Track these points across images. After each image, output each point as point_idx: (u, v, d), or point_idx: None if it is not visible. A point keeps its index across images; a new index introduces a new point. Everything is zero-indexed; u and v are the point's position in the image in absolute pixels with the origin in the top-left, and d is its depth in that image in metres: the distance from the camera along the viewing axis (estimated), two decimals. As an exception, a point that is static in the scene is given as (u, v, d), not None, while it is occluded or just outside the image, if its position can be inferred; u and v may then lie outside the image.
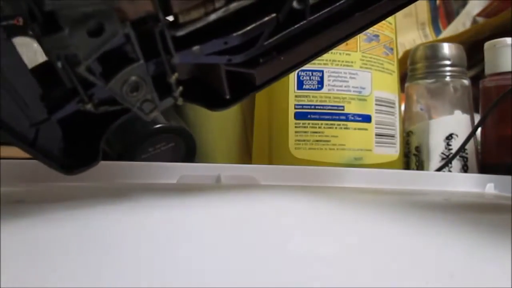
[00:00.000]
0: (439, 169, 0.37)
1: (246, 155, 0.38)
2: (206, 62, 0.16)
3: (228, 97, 0.19)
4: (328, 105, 0.33)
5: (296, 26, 0.17)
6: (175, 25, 0.15)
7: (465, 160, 0.38)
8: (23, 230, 0.14)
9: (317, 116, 0.33)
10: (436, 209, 0.22)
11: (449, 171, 0.38)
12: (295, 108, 0.34)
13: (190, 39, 0.15)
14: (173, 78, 0.16)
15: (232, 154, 0.38)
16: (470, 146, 0.38)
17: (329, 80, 0.34)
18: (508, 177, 0.30)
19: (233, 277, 0.11)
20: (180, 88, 0.17)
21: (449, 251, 0.14)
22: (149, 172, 0.25)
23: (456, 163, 0.38)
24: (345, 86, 0.34)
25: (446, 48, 0.40)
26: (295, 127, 0.33)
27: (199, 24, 0.15)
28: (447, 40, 0.56)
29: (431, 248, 0.14)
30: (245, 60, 0.17)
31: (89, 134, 0.17)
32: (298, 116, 0.34)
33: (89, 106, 0.15)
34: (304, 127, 0.33)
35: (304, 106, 0.33)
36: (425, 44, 0.45)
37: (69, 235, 0.14)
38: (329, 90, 0.34)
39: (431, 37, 0.70)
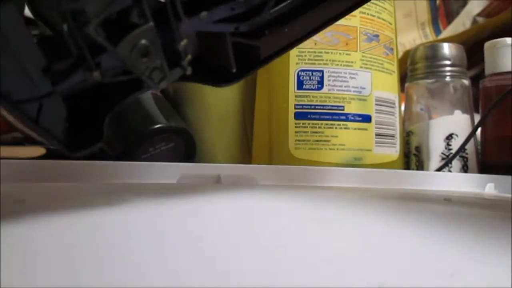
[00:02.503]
0: (439, 169, 0.37)
1: (246, 155, 0.37)
2: (214, 30, 0.16)
3: (234, 70, 0.18)
4: (328, 105, 0.33)
5: None
6: None
7: (465, 160, 0.38)
8: (23, 230, 0.14)
9: (317, 116, 0.33)
10: (436, 209, 0.22)
11: (449, 171, 0.38)
12: (295, 108, 0.34)
13: (197, 6, 0.15)
14: (182, 44, 0.15)
15: (232, 154, 0.38)
16: (470, 146, 0.38)
17: (329, 80, 0.34)
18: (508, 177, 0.30)
19: (233, 277, 0.11)
20: (189, 56, 0.16)
21: (449, 251, 0.14)
22: (149, 172, 0.25)
23: (456, 163, 0.38)
24: (345, 86, 0.34)
25: (446, 48, 0.40)
26: (295, 127, 0.33)
27: None
28: (447, 40, 0.56)
29: (431, 248, 0.14)
30: (251, 31, 0.17)
31: (93, 114, 0.17)
32: (298, 116, 0.34)
33: (96, 74, 0.14)
34: (304, 127, 0.33)
35: (304, 106, 0.33)
36: (425, 44, 0.45)
37: (69, 235, 0.14)
38: (329, 90, 0.34)
39: (431, 37, 0.70)
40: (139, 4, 0.14)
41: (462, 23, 0.64)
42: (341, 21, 0.34)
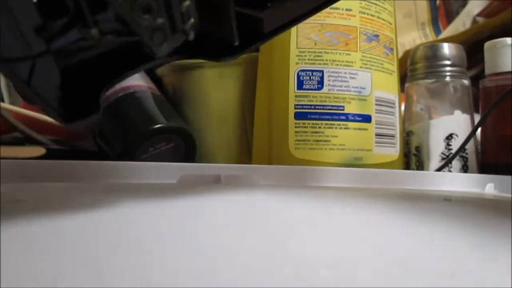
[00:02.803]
0: (439, 169, 0.37)
1: (246, 155, 0.37)
2: None
3: (237, 43, 0.17)
4: (328, 105, 0.33)
5: None
6: None
7: (465, 160, 0.38)
8: (23, 230, 0.14)
9: (317, 116, 0.33)
10: (436, 209, 0.22)
11: (449, 171, 0.38)
12: (295, 108, 0.34)
13: None
14: (185, 5, 0.15)
15: (232, 154, 0.38)
16: (470, 146, 0.38)
17: (329, 80, 0.34)
18: (508, 177, 0.30)
19: (233, 277, 0.11)
20: (192, 20, 0.15)
21: (449, 251, 0.14)
22: (149, 172, 0.25)
23: (456, 163, 0.38)
24: (345, 86, 0.34)
25: (446, 48, 0.40)
26: (295, 127, 0.33)
27: None
28: (447, 40, 0.56)
29: (431, 248, 0.14)
30: (254, 2, 0.16)
31: (89, 86, 0.16)
32: (298, 116, 0.34)
33: (93, 32, 0.14)
34: (304, 127, 0.33)
35: (304, 106, 0.33)
36: (425, 44, 0.45)
37: (68, 235, 0.14)
38: (329, 90, 0.34)
39: (431, 37, 0.70)
40: None
41: (462, 23, 0.64)
42: (341, 21, 0.34)
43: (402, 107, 0.41)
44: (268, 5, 0.17)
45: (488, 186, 0.31)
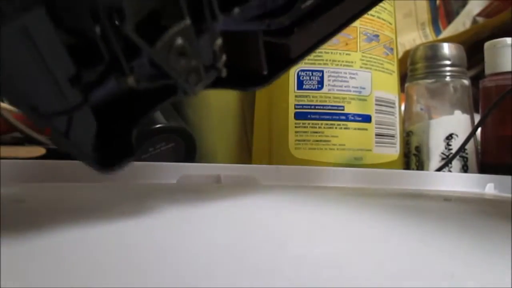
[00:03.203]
0: (439, 169, 0.37)
1: (246, 155, 0.38)
2: (246, 29, 0.16)
3: (265, 73, 0.18)
4: (328, 105, 0.33)
5: None
6: None
7: (465, 160, 0.38)
8: (23, 230, 0.14)
9: (317, 116, 0.33)
10: (436, 209, 0.22)
11: (449, 171, 0.38)
12: (295, 108, 0.34)
13: (228, 2, 0.14)
14: (217, 44, 0.14)
15: (232, 154, 0.38)
16: (470, 146, 0.38)
17: (329, 80, 0.34)
18: (508, 177, 0.30)
19: (233, 277, 0.11)
20: (224, 57, 0.15)
21: (449, 252, 0.14)
22: (149, 172, 0.25)
23: (456, 163, 0.38)
24: (345, 86, 0.34)
25: (446, 48, 0.40)
26: (295, 127, 0.33)
27: None
28: (447, 40, 0.56)
29: (431, 248, 0.14)
30: (280, 29, 0.16)
31: (120, 128, 0.16)
32: (298, 116, 0.34)
33: (130, 80, 0.13)
34: (304, 127, 0.33)
35: (304, 106, 0.33)
36: (425, 44, 0.45)
37: (68, 235, 0.14)
38: (329, 90, 0.34)
39: (431, 37, 0.70)
40: (177, 1, 0.13)
41: (462, 23, 0.64)
42: (341, 21, 0.34)
43: (402, 107, 0.41)
44: (294, 30, 0.17)
45: (488, 186, 0.31)
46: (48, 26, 0.12)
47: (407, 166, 0.40)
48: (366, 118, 0.34)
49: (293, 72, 0.34)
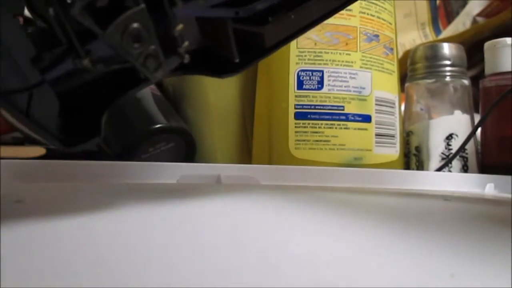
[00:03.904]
0: (439, 169, 0.37)
1: (246, 155, 0.37)
2: (212, 16, 0.15)
3: (236, 60, 0.17)
4: (328, 105, 0.33)
5: None
6: None
7: (465, 160, 0.38)
8: (23, 230, 0.14)
9: (317, 116, 0.33)
10: (436, 209, 0.22)
11: (449, 171, 0.38)
12: (295, 108, 0.34)
13: None
14: (177, 30, 0.14)
15: (232, 154, 0.38)
16: (470, 146, 0.38)
17: (329, 80, 0.34)
18: (508, 177, 0.30)
19: (233, 277, 0.11)
20: (186, 43, 0.15)
21: (449, 251, 0.14)
22: (149, 172, 0.25)
23: (456, 163, 0.38)
24: (345, 86, 0.34)
25: (446, 48, 0.40)
26: (295, 127, 0.33)
27: None
28: (447, 40, 0.56)
29: (431, 248, 0.14)
30: (254, 17, 0.16)
31: (90, 110, 0.16)
32: (298, 116, 0.34)
33: (86, 62, 0.13)
34: (304, 127, 0.33)
35: (304, 106, 0.33)
36: (425, 44, 0.45)
37: (68, 235, 0.14)
38: (329, 90, 0.34)
39: (431, 37, 0.70)
40: None
41: (462, 23, 0.64)
42: (341, 21, 0.34)
43: (402, 107, 0.41)
44: (269, 19, 0.17)
45: (488, 186, 0.31)
46: (7, 12, 0.12)
47: (407, 166, 0.40)
48: (366, 118, 0.34)
49: (293, 72, 0.34)
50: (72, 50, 0.13)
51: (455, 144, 0.38)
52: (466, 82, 0.40)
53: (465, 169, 0.38)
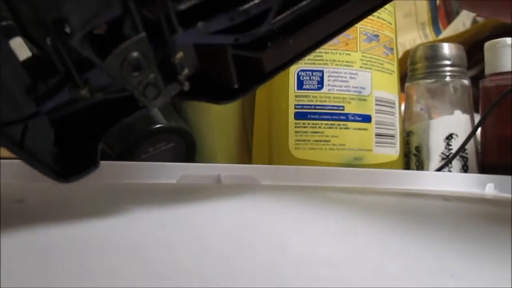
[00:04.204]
0: (439, 169, 0.37)
1: (246, 155, 0.37)
2: (212, 42, 0.15)
3: (236, 86, 0.17)
4: (328, 105, 0.33)
5: (304, 3, 0.16)
6: None
7: (465, 160, 0.38)
8: (23, 230, 0.14)
9: (317, 116, 0.33)
10: (436, 209, 0.22)
11: (449, 171, 0.38)
12: (295, 108, 0.34)
13: (193, 16, 0.14)
14: (178, 57, 0.14)
15: (232, 154, 0.38)
16: (470, 146, 0.38)
17: (329, 80, 0.34)
18: (508, 177, 0.30)
19: (233, 278, 0.11)
20: (186, 70, 0.15)
21: (449, 251, 0.14)
22: (149, 172, 0.25)
23: (456, 163, 0.38)
24: (345, 86, 0.34)
25: (446, 48, 0.40)
26: (295, 127, 0.33)
27: None
28: (447, 40, 0.56)
29: (431, 248, 0.14)
30: (253, 43, 0.16)
31: (85, 137, 0.16)
32: (298, 116, 0.34)
33: (83, 92, 0.13)
34: (304, 127, 0.33)
35: (304, 106, 0.33)
36: (425, 44, 0.45)
37: (68, 235, 0.14)
38: (329, 90, 0.34)
39: (431, 37, 0.70)
40: (130, 14, 0.12)
41: (462, 23, 0.64)
42: (341, 21, 0.34)
43: (402, 107, 0.41)
44: (268, 45, 0.17)
45: (488, 186, 0.31)
46: (3, 40, 0.12)
47: (407, 166, 0.40)
48: (366, 118, 0.34)
49: (293, 72, 0.34)
50: (69, 79, 0.13)
51: (455, 144, 0.38)
52: (466, 82, 0.40)
53: (465, 169, 0.38)
